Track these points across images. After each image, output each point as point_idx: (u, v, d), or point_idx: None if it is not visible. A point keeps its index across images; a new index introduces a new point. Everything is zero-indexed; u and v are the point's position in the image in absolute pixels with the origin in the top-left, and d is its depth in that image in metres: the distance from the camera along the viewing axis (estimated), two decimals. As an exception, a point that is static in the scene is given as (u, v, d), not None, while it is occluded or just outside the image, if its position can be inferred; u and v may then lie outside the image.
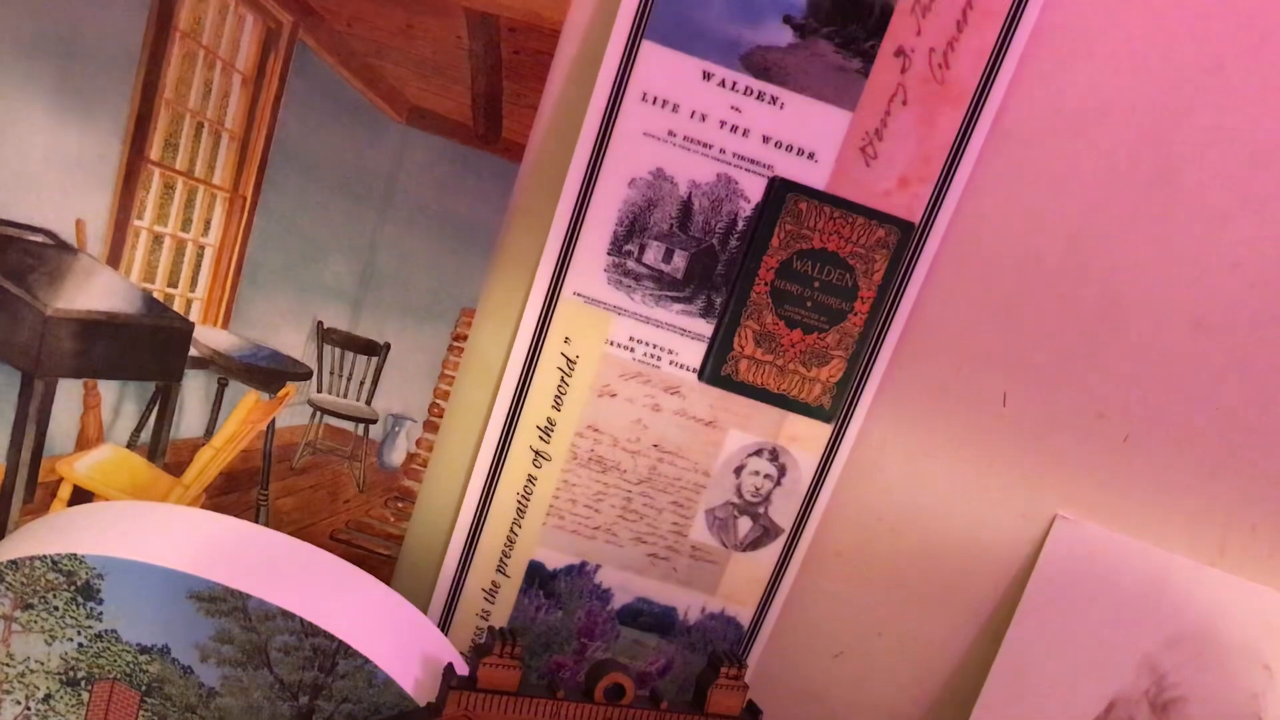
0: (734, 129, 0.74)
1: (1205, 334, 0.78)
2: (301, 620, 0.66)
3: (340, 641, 0.66)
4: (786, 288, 0.77)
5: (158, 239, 0.77)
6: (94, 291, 0.76)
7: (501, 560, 0.82)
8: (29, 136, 0.72)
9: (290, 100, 0.75)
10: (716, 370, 0.78)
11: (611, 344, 0.78)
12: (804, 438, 0.80)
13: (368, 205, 0.77)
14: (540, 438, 0.80)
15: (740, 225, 0.76)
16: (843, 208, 0.75)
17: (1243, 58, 0.72)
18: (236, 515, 0.76)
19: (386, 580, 0.86)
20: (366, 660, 0.67)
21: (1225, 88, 0.73)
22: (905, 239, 0.76)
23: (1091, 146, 0.74)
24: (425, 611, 0.84)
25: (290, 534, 0.81)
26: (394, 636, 0.70)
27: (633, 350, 0.78)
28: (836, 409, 0.79)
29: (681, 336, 0.78)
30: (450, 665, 0.70)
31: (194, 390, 0.81)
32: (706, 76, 0.73)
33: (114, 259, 0.76)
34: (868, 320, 0.78)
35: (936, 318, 0.78)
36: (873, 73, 0.73)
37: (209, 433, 0.82)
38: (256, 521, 0.84)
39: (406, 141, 0.76)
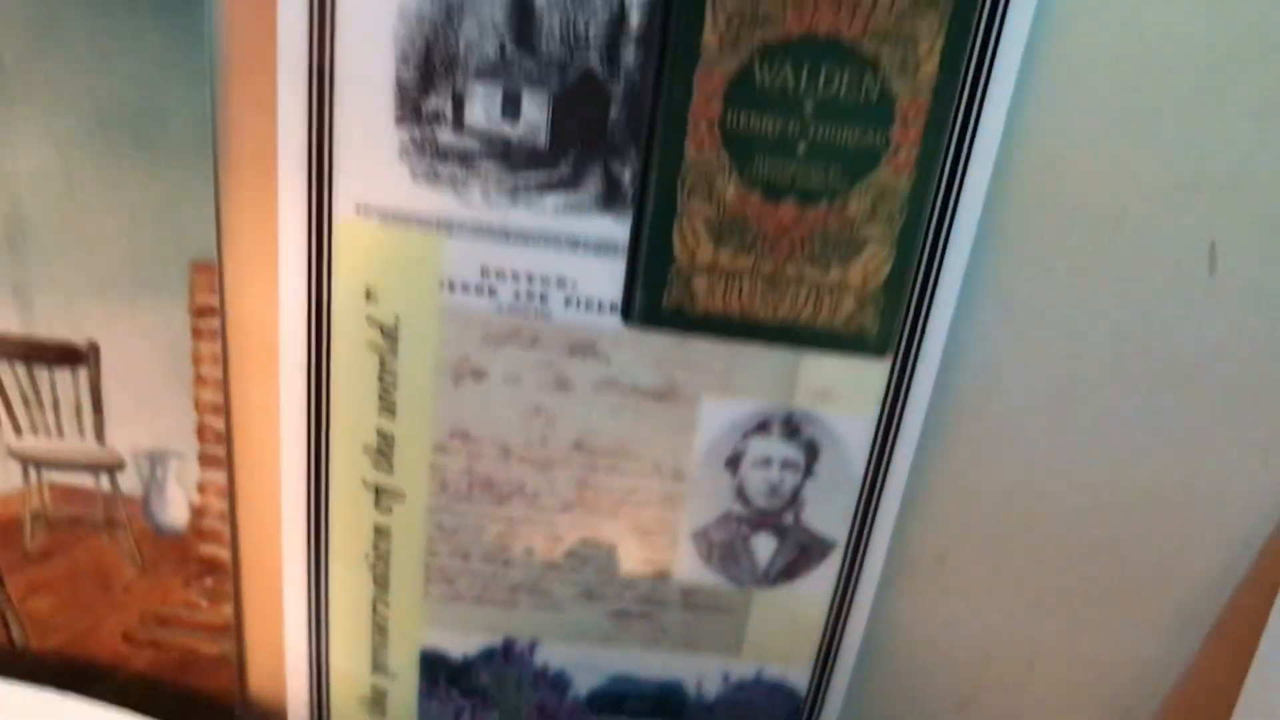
0: None
1: None
2: None
3: None
4: (752, 124, 0.39)
5: None
6: None
7: (375, 657, 0.49)
8: None
9: None
10: (654, 301, 0.41)
11: (451, 287, 0.41)
12: (840, 390, 0.43)
13: (-33, 114, 0.42)
14: (374, 465, 0.44)
15: (635, 18, 0.37)
16: (833, -58, 0.36)
17: None
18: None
19: (231, 694, 0.53)
20: None
21: None
22: (973, -18, 0.36)
23: None
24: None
25: (59, 646, 0.50)
26: None
27: (494, 292, 0.41)
28: (889, 331, 0.42)
29: (575, 253, 0.41)
30: None
31: None
32: None
33: None
34: (922, 158, 0.39)
35: (1059, 129, 0.39)
36: None
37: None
38: (6, 635, 0.53)
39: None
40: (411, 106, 0.39)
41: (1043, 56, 0.38)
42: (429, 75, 0.39)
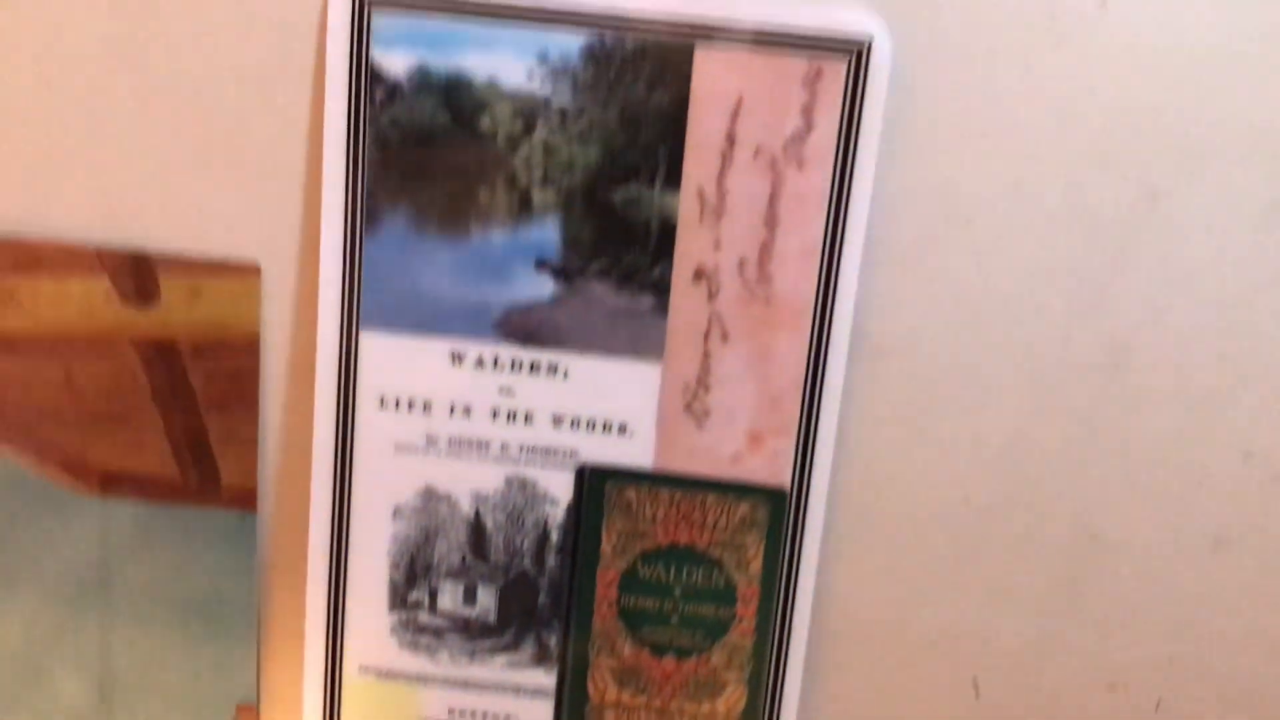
0: (512, 417, 0.54)
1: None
2: None
3: None
4: (639, 604, 0.56)
5: None
6: None
7: None
8: None
9: (-51, 499, 0.57)
10: (575, 730, 0.57)
11: (427, 724, 0.57)
12: (718, 793, 0.58)
13: (84, 605, 0.59)
14: None
15: (555, 536, 0.55)
16: (684, 488, 0.54)
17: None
18: None
19: None
20: None
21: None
22: (778, 510, 0.54)
23: (1007, 319, 0.53)
24: None
25: None
26: None
27: (457, 727, 0.57)
28: (751, 747, 0.57)
29: (517, 696, 0.57)
30: None
31: None
32: (457, 359, 0.53)
33: None
34: (759, 625, 0.56)
35: (856, 598, 0.56)
36: (672, 309, 0.52)
37: None
38: None
39: (108, 517, 0.57)
40: (400, 598, 0.56)
41: (838, 541, 0.56)
42: (413, 576, 0.56)
